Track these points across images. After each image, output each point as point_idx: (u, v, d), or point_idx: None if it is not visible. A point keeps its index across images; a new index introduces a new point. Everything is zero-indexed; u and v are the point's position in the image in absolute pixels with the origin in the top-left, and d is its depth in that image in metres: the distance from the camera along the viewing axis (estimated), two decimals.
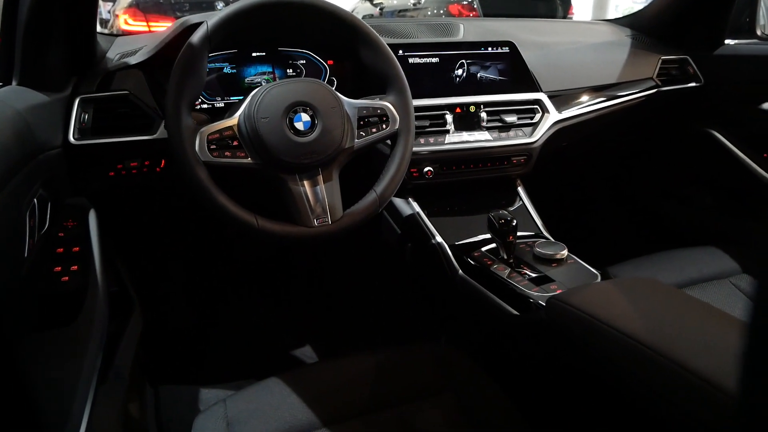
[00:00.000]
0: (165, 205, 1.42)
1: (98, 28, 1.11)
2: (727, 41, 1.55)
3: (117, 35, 1.32)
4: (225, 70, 1.16)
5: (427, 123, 1.22)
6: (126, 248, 1.31)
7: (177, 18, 4.41)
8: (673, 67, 1.56)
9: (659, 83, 1.50)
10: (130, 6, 4.46)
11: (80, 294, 0.79)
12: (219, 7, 4.60)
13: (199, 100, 1.14)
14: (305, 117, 0.93)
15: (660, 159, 1.77)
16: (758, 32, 1.49)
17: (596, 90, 1.42)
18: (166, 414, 1.27)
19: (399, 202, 1.28)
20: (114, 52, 1.16)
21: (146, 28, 4.28)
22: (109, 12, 4.78)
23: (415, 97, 1.06)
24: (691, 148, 1.65)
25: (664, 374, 0.64)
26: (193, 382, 1.37)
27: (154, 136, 1.05)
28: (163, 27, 4.27)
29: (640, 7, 1.76)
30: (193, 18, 1.06)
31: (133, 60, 1.10)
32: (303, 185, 0.94)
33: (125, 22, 4.37)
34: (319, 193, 0.95)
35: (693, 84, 1.55)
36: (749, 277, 1.14)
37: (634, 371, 0.69)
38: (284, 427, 0.76)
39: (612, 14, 7.17)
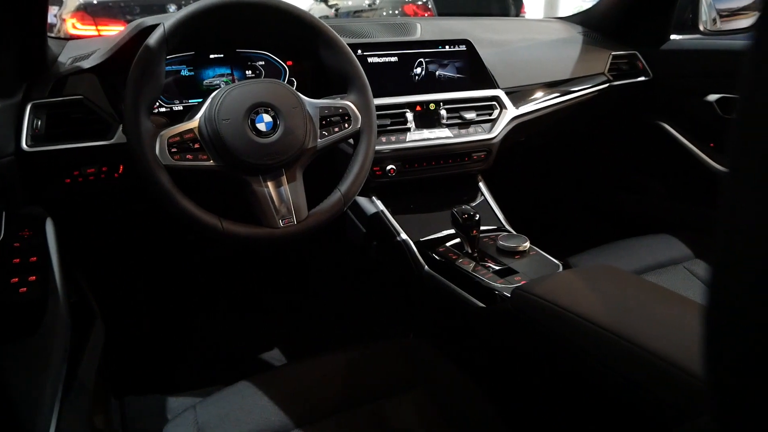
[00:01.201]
0: (125, 212, 1.38)
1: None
2: (672, 36, 1.61)
3: (67, 39, 1.28)
4: (182, 73, 1.14)
5: (388, 122, 1.23)
6: (86, 257, 1.27)
7: (127, 22, 4.31)
8: (623, 62, 1.61)
9: (610, 78, 1.55)
10: (77, 10, 4.32)
11: (40, 305, 0.76)
12: (170, 10, 4.50)
13: (157, 103, 1.12)
14: (267, 118, 0.92)
15: (614, 151, 1.83)
16: (701, 28, 1.55)
17: (551, 85, 1.46)
18: (133, 425, 1.24)
19: (363, 200, 1.29)
20: (66, 57, 1.13)
21: (95, 33, 4.15)
22: (55, 16, 4.62)
23: (375, 96, 1.07)
24: (644, 140, 1.71)
25: (627, 356, 0.67)
26: (161, 391, 1.34)
27: (112, 141, 1.02)
28: (113, 31, 4.16)
29: (589, 5, 1.81)
30: (149, 20, 1.04)
31: (86, 64, 1.07)
32: (267, 186, 0.94)
33: (73, 26, 4.23)
34: (283, 194, 0.95)
35: (642, 78, 1.61)
36: (702, 262, 1.19)
37: (598, 355, 0.71)
38: (257, 430, 0.76)
39: (563, 12, 7.35)
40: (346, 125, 1.02)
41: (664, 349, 0.64)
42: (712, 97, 1.47)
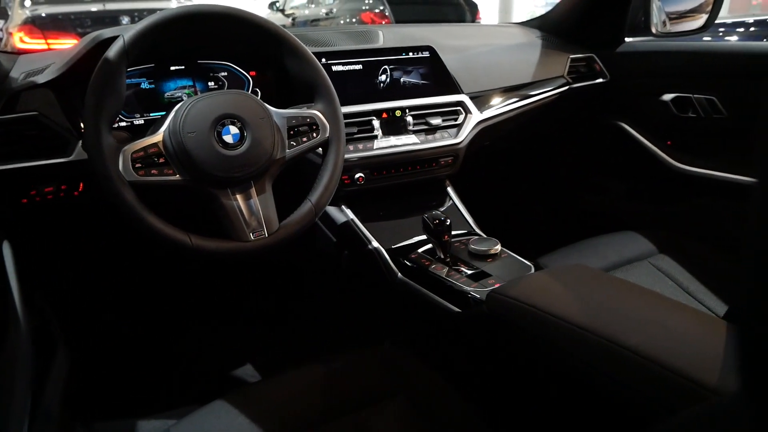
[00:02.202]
0: (88, 230, 1.34)
1: None
2: (627, 39, 1.66)
3: (20, 53, 1.24)
4: (143, 86, 1.11)
5: (355, 129, 1.23)
6: (48, 279, 1.22)
7: (78, 35, 4.21)
8: (581, 65, 1.65)
9: (570, 80, 1.59)
10: (25, 23, 4.19)
11: (0, 332, 0.73)
12: (124, 23, 4.41)
13: (117, 118, 1.09)
14: (234, 129, 0.91)
15: (576, 152, 1.87)
16: (653, 30, 1.60)
17: (513, 89, 1.48)
18: None
19: (332, 210, 1.28)
20: (18, 72, 1.08)
21: (45, 47, 4.03)
22: (1, 30, 4.47)
23: (341, 104, 1.06)
24: (604, 140, 1.75)
25: (604, 353, 0.68)
26: (133, 415, 1.30)
27: (70, 158, 0.99)
28: (63, 44, 4.04)
29: (542, 11, 1.85)
30: (107, 32, 1.02)
31: (41, 78, 1.03)
32: (236, 199, 0.92)
33: (21, 40, 4.10)
34: (253, 206, 0.93)
35: (600, 80, 1.65)
36: (666, 257, 1.22)
37: (575, 353, 0.72)
38: None
39: (516, 19, 7.52)
40: (315, 134, 1.01)
41: (639, 345, 0.66)
42: (667, 97, 1.52)
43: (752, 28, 4.37)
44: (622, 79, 1.64)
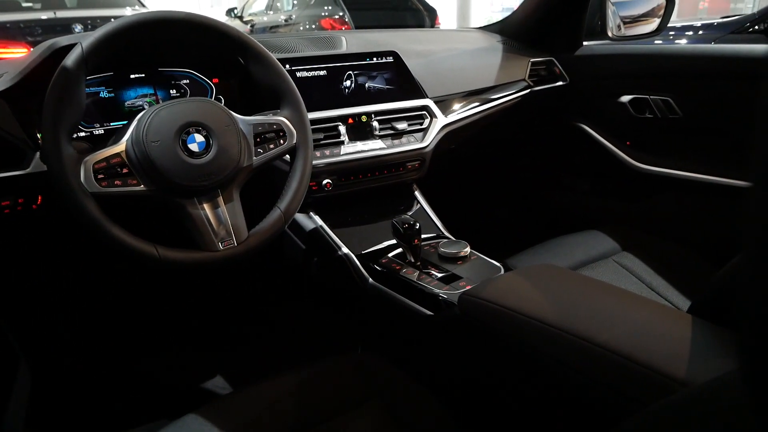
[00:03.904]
0: (46, 245, 1.29)
1: None
2: (585, 43, 1.70)
3: None
4: (102, 95, 1.08)
5: (321, 135, 1.22)
6: (6, 297, 1.17)
7: (29, 44, 4.08)
8: (542, 68, 1.68)
9: (531, 84, 1.62)
10: None
11: None
12: (76, 31, 4.29)
13: (77, 128, 1.06)
14: (199, 138, 0.89)
15: (541, 153, 1.90)
16: (609, 34, 1.64)
17: (477, 93, 1.50)
18: None
19: (300, 217, 1.27)
20: None
21: None
22: None
23: (307, 110, 1.06)
24: (566, 142, 1.79)
25: (575, 350, 0.69)
26: None
27: (27, 170, 0.95)
28: (13, 54, 3.91)
29: (500, 17, 1.88)
30: (63, 40, 0.98)
31: None
32: (203, 208, 0.90)
33: None
34: (221, 215, 0.92)
35: (560, 83, 1.69)
36: (629, 254, 1.25)
37: (546, 351, 0.73)
38: None
39: (474, 25, 7.65)
40: (282, 141, 1.00)
41: (609, 341, 0.67)
42: (625, 98, 1.56)
43: (700, 32, 4.55)
44: (582, 81, 1.68)
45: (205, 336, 1.63)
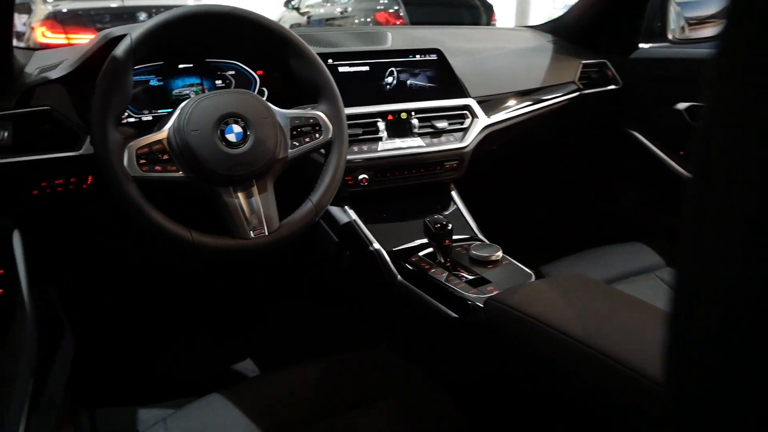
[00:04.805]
0: (94, 224, 1.36)
1: (14, 42, 1.05)
2: (641, 45, 1.63)
3: (35, 49, 1.26)
4: (151, 83, 1.12)
5: (359, 131, 1.22)
6: (55, 269, 1.24)
7: (98, 30, 4.24)
8: (593, 71, 1.63)
9: (581, 86, 1.57)
10: (47, 18, 4.25)
11: (6, 318, 0.75)
12: (141, 19, 4.46)
13: (126, 113, 1.10)
14: (237, 128, 0.92)
15: (586, 159, 1.84)
16: (669, 36, 1.57)
17: (522, 94, 1.47)
18: None
19: (335, 210, 1.28)
20: (33, 67, 1.10)
21: (65, 41, 4.09)
22: (24, 24, 4.54)
23: (346, 105, 1.06)
24: (614, 148, 1.73)
25: (595, 366, 0.67)
26: (132, 403, 1.32)
27: (80, 152, 1.00)
28: (83, 39, 4.10)
29: (561, 13, 1.83)
30: (116, 30, 1.03)
31: (54, 74, 1.05)
32: (237, 197, 0.93)
33: (42, 34, 4.17)
34: (254, 205, 0.94)
35: (612, 86, 1.63)
36: (673, 270, 1.20)
37: (569, 365, 0.71)
38: None
39: (533, 21, 7.46)
40: (317, 135, 1.01)
41: (632, 360, 0.64)
42: (682, 105, 1.49)
43: None
44: (636, 86, 1.62)
45: (237, 320, 1.67)
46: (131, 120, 1.11)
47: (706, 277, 0.31)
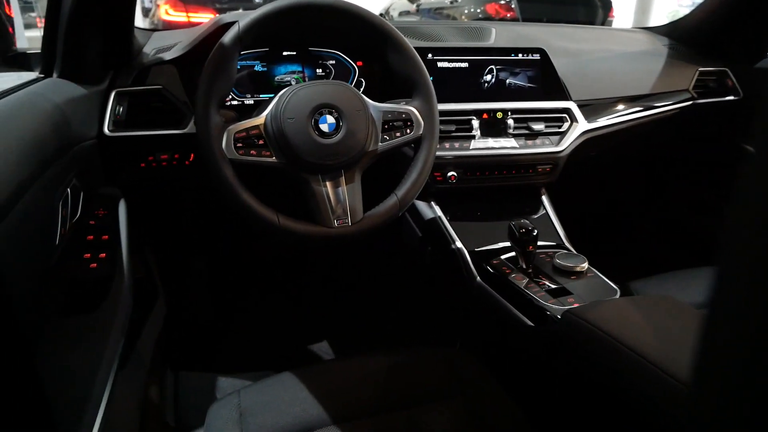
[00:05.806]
0: (192, 198, 1.45)
1: (139, 19, 1.14)
2: None
3: (154, 30, 1.35)
4: (256, 68, 1.18)
5: (453, 128, 1.22)
6: (153, 238, 1.34)
7: (216, 9, 4.49)
8: (711, 79, 1.52)
9: (695, 95, 1.47)
10: None
11: (106, 281, 0.81)
12: (258, 1, 4.64)
13: (230, 96, 1.17)
14: (330, 119, 0.94)
15: (693, 172, 1.73)
16: None
17: (628, 100, 1.40)
18: (183, 399, 1.31)
19: (421, 205, 1.29)
20: (150, 47, 1.19)
21: (185, 19, 4.35)
22: (151, 1, 4.88)
23: (442, 101, 1.06)
24: (726, 164, 1.60)
25: (671, 394, 0.64)
26: (211, 371, 1.40)
27: (185, 130, 1.08)
28: (202, 18, 4.34)
29: (686, 11, 1.71)
30: (227, 17, 1.09)
31: (167, 56, 1.13)
32: (325, 186, 0.96)
33: (166, 12, 4.45)
34: (340, 195, 0.96)
35: (731, 97, 1.51)
36: None
37: (643, 389, 0.68)
38: (294, 422, 0.78)
39: (655, 17, 6.98)
40: (408, 131, 1.02)
41: None
42: None
43: None
44: (758, 98, 1.49)
45: (317, 303, 1.73)
46: (234, 103, 1.17)
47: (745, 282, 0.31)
